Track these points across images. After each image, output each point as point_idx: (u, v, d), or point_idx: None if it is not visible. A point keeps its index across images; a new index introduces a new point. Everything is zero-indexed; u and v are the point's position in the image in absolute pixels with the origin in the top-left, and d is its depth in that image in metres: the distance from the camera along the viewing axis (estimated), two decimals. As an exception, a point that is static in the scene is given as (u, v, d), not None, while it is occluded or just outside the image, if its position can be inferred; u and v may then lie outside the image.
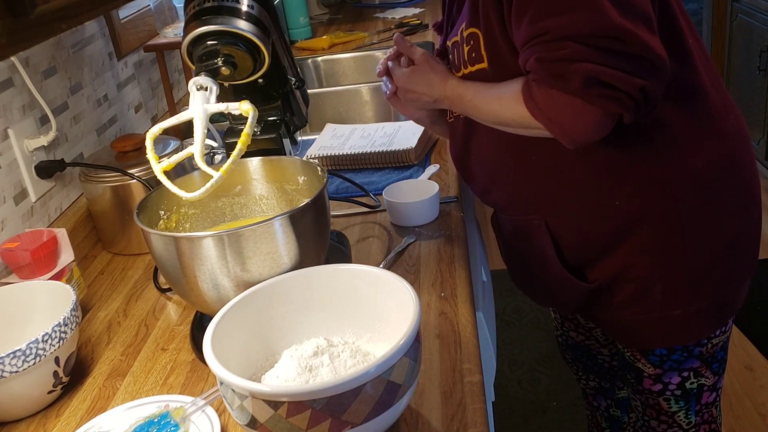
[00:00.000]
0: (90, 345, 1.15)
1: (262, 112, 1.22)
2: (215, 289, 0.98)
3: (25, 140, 1.35)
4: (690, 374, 1.23)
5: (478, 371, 0.95)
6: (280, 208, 1.18)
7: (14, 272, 1.19)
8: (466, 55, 1.11)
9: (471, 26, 1.09)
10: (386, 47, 2.51)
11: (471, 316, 1.06)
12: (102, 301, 1.27)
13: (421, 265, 1.21)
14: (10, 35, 0.70)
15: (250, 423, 0.77)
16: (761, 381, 2.21)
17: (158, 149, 1.40)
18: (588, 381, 1.65)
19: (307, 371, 0.86)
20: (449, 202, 1.40)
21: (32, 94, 1.37)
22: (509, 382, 2.35)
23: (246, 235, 0.94)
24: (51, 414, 1.00)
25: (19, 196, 1.32)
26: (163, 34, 1.94)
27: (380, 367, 0.75)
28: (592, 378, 1.63)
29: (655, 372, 1.24)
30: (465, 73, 1.13)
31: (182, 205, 1.13)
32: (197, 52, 1.05)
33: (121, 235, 1.40)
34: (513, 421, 2.21)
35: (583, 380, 1.66)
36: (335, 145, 1.67)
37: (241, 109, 0.97)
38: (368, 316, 0.94)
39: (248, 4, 1.07)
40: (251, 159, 1.16)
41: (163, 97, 2.04)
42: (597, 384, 1.64)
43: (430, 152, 1.64)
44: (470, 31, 1.09)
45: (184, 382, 1.02)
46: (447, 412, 0.88)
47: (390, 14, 2.99)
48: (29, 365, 0.94)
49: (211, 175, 0.92)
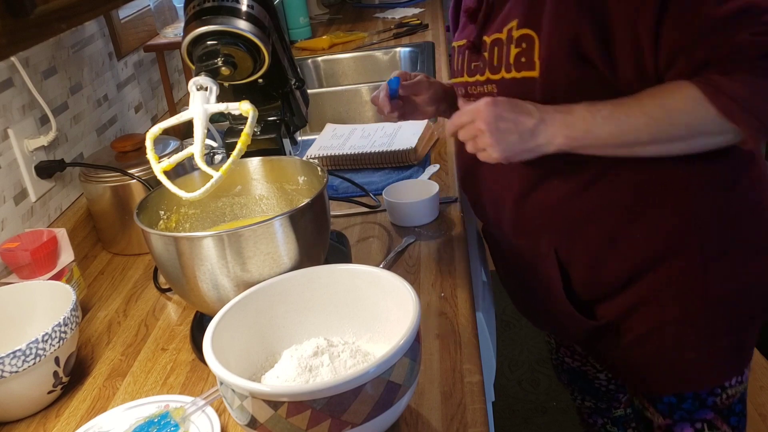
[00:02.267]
0: (90, 345, 1.15)
1: (262, 112, 1.21)
2: (215, 289, 0.98)
3: (25, 140, 1.35)
4: (704, 426, 1.13)
5: (478, 371, 0.95)
6: (280, 208, 1.18)
7: (14, 272, 1.19)
8: (512, 58, 0.99)
9: (525, 26, 0.97)
10: (386, 47, 2.51)
11: (471, 316, 1.06)
12: (102, 301, 1.27)
13: (421, 265, 1.21)
14: (10, 35, 0.70)
15: (250, 423, 0.77)
16: (761, 381, 2.21)
17: (158, 149, 1.40)
18: (584, 401, 1.61)
19: (307, 371, 0.86)
20: (449, 202, 1.40)
21: (32, 94, 1.37)
22: (509, 383, 2.35)
23: (246, 235, 0.94)
24: (51, 414, 1.00)
25: (19, 196, 1.32)
26: (163, 34, 1.94)
27: (380, 367, 0.75)
28: (588, 398, 1.59)
29: (665, 422, 1.15)
30: (500, 78, 1.01)
31: (182, 205, 1.13)
32: (197, 52, 1.05)
33: (121, 235, 1.40)
34: (513, 421, 2.21)
35: (578, 400, 1.62)
36: (335, 145, 1.67)
37: (241, 109, 0.97)
38: (368, 316, 0.94)
39: (248, 4, 1.07)
40: (251, 159, 1.16)
41: (163, 97, 2.04)
42: (593, 404, 1.60)
43: (430, 152, 1.64)
44: (523, 32, 0.97)
45: (184, 382, 1.02)
46: (447, 412, 0.88)
47: (390, 14, 2.99)
48: (29, 365, 0.94)
49: (211, 175, 0.92)
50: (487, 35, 1.04)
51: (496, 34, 1.02)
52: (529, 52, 0.97)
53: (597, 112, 0.93)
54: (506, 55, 1.00)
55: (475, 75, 1.08)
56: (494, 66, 1.03)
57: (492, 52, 1.03)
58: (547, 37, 0.95)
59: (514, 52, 0.98)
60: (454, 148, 1.17)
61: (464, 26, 1.14)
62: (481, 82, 1.07)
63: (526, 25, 0.97)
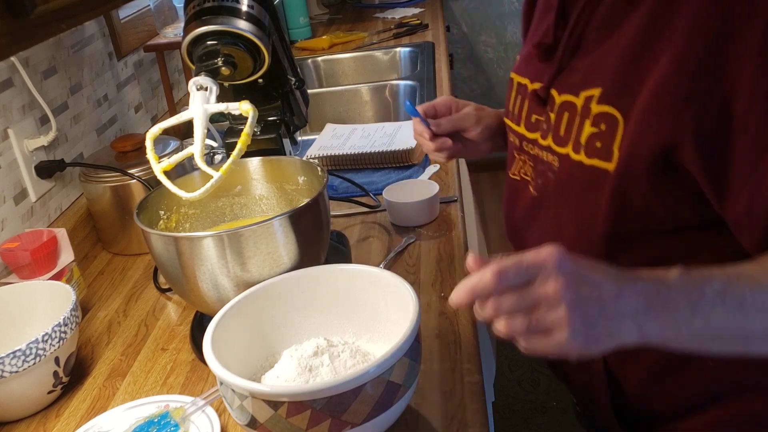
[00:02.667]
0: (90, 345, 1.15)
1: (262, 112, 1.21)
2: (215, 289, 0.98)
3: (25, 140, 1.35)
4: None
5: (478, 371, 0.94)
6: (280, 208, 1.18)
7: (14, 272, 1.19)
8: (585, 138, 0.78)
9: (609, 102, 0.76)
10: (386, 47, 2.51)
11: (471, 316, 1.06)
12: (102, 301, 1.27)
13: (421, 265, 1.21)
14: (10, 35, 0.70)
15: (250, 423, 0.77)
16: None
17: (158, 149, 1.40)
18: None
19: (307, 371, 0.86)
20: (449, 202, 1.40)
21: (32, 94, 1.37)
22: (509, 382, 2.35)
23: (246, 235, 0.94)
24: (51, 414, 1.00)
25: (19, 196, 1.32)
26: (163, 34, 1.94)
27: (380, 367, 0.75)
28: None
29: None
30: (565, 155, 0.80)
31: (182, 205, 1.13)
32: (197, 52, 1.05)
33: (121, 235, 1.40)
34: (513, 421, 2.20)
35: None
36: (335, 145, 1.67)
37: (241, 109, 0.97)
38: (368, 316, 0.94)
39: (248, 4, 1.07)
40: (251, 159, 1.16)
41: (163, 97, 2.04)
42: None
43: (430, 152, 1.64)
44: (605, 109, 0.76)
45: (184, 382, 1.02)
46: (447, 412, 0.88)
47: (390, 14, 2.99)
48: (29, 365, 0.93)
49: (211, 175, 0.92)
50: (559, 90, 0.83)
51: (569, 95, 0.81)
52: (608, 138, 0.76)
53: (702, 296, 0.64)
54: (578, 131, 0.79)
55: (536, 132, 0.89)
56: (560, 137, 0.82)
57: (560, 116, 0.82)
58: (636, 127, 0.73)
59: (588, 131, 0.78)
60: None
61: (530, 58, 0.91)
62: (542, 146, 0.87)
63: (611, 100, 0.75)
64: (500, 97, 3.77)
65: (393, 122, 1.79)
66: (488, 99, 3.79)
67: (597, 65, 0.79)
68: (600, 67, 0.78)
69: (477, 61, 3.71)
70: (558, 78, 0.84)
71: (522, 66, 0.94)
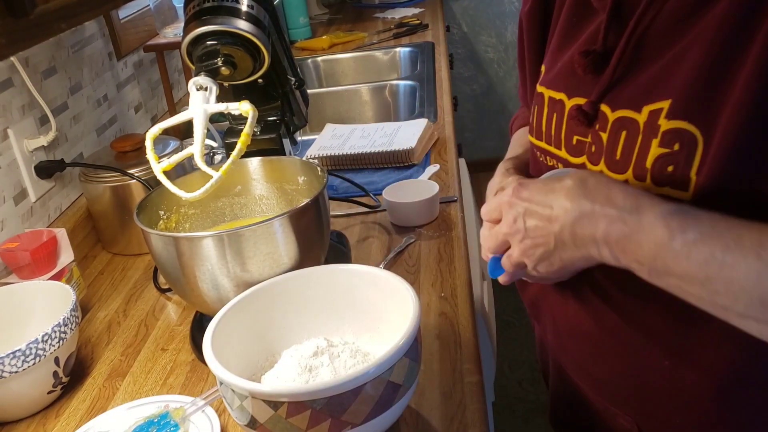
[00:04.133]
0: (90, 345, 1.15)
1: (262, 112, 1.21)
2: (215, 289, 0.98)
3: (25, 140, 1.34)
4: None
5: (478, 371, 0.95)
6: (280, 208, 1.18)
7: (14, 272, 1.19)
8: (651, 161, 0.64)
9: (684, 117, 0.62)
10: (386, 47, 2.51)
11: (471, 316, 1.06)
12: (102, 301, 1.27)
13: (421, 265, 1.21)
14: (10, 35, 0.70)
15: (250, 423, 0.77)
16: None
17: (158, 149, 1.40)
18: None
19: (307, 371, 0.86)
20: (449, 202, 1.40)
21: (32, 94, 1.37)
22: (509, 382, 2.35)
23: (246, 235, 0.94)
24: (51, 414, 1.00)
25: (19, 196, 1.32)
26: (163, 34, 1.94)
27: (380, 368, 0.75)
28: None
29: None
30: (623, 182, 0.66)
31: (182, 205, 1.13)
32: (197, 52, 1.05)
33: (121, 235, 1.40)
34: (513, 422, 2.21)
35: None
36: (335, 145, 1.67)
37: (240, 109, 0.97)
38: (368, 316, 0.94)
39: (248, 4, 1.07)
40: (251, 159, 1.16)
41: (163, 97, 2.04)
42: None
43: (430, 152, 1.64)
44: (679, 125, 0.62)
45: (183, 382, 1.02)
46: (447, 412, 0.88)
47: (390, 14, 2.99)
48: (29, 365, 0.93)
49: (211, 175, 0.92)
50: (612, 106, 0.69)
51: (627, 110, 0.67)
52: (683, 160, 0.62)
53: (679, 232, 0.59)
54: (640, 153, 0.65)
55: (581, 156, 0.74)
56: (616, 161, 0.68)
57: (616, 137, 0.68)
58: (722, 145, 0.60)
59: (656, 152, 0.64)
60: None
61: (569, 69, 0.76)
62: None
63: (687, 115, 0.62)
64: (500, 96, 3.77)
65: (393, 122, 1.79)
66: (488, 99, 3.79)
67: (664, 74, 0.65)
68: (668, 76, 0.65)
69: (477, 61, 3.71)
70: (612, 88, 0.70)
71: (554, 79, 0.79)
